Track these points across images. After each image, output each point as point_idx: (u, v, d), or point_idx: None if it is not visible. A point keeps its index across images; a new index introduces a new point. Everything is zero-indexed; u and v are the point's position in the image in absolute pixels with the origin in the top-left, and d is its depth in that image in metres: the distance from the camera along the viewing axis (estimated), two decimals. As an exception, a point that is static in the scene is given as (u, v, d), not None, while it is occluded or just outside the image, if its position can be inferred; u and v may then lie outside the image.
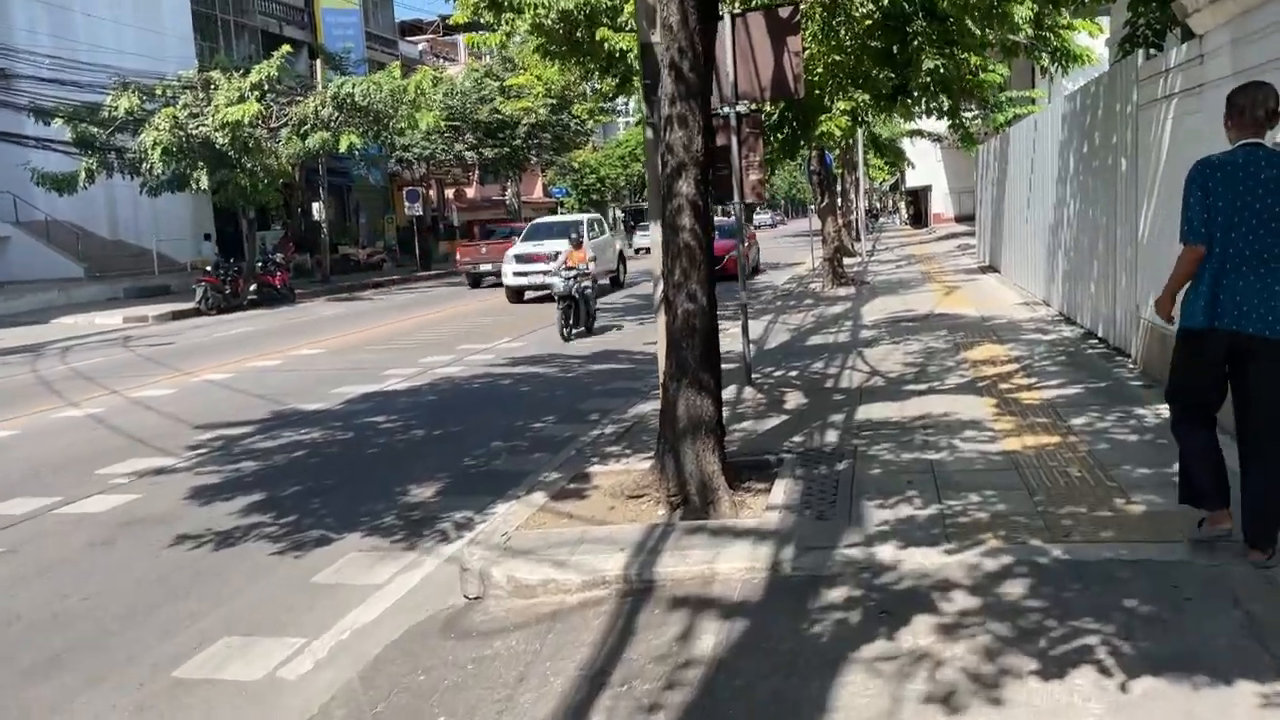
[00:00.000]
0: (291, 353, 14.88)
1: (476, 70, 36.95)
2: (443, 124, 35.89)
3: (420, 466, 7.46)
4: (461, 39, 53.66)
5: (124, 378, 12.81)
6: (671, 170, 5.68)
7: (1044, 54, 19.34)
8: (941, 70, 8.76)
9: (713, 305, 5.80)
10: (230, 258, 31.47)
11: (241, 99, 25.75)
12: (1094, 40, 22.80)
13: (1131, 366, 8.13)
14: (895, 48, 8.96)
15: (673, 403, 5.70)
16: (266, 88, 27.10)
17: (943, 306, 14.13)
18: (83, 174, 24.76)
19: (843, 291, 18.08)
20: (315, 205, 34.01)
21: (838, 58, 9.39)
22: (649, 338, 11.72)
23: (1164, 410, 5.21)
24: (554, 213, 57.37)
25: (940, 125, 36.85)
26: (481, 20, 13.64)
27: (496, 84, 36.61)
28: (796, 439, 6.89)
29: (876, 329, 12.37)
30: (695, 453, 5.59)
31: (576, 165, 57.95)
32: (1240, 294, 3.84)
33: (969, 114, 32.14)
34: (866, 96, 10.23)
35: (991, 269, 19.30)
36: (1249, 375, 3.95)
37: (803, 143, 10.97)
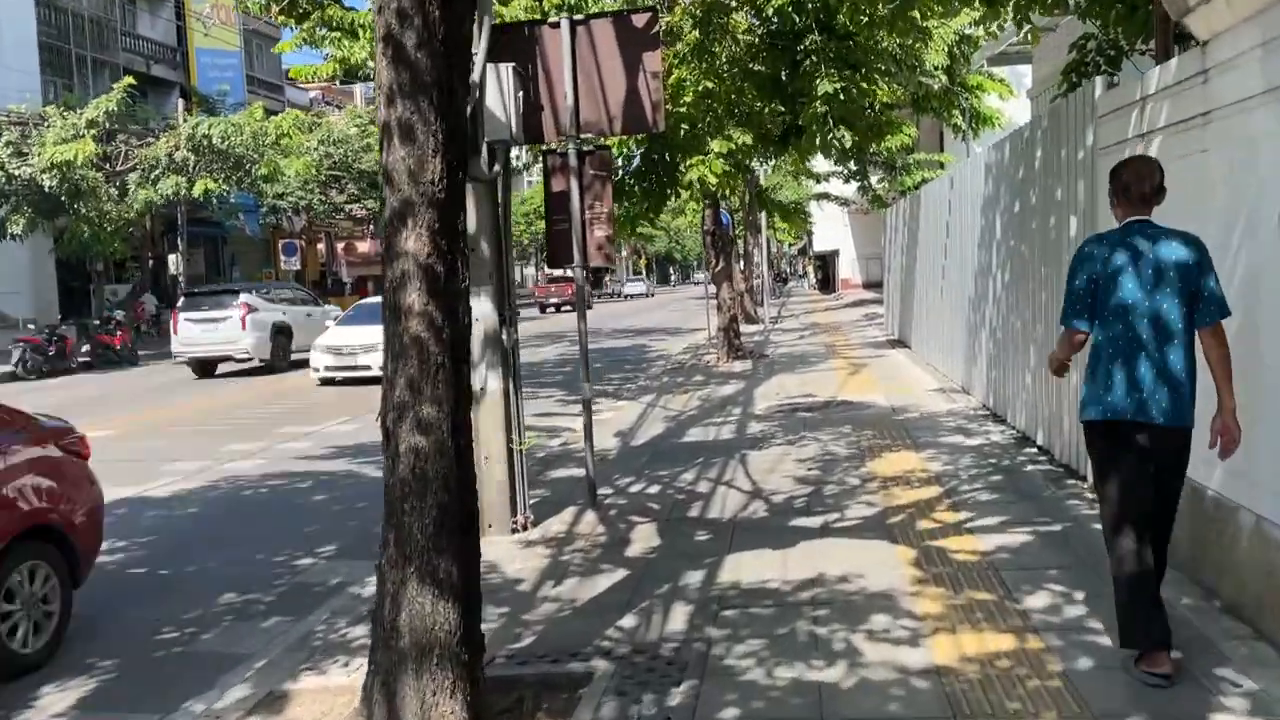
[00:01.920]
0: (61, 438, 12.07)
1: (361, 116, 34.50)
2: (318, 172, 33.32)
3: (95, 640, 5.00)
4: (358, 86, 51.36)
5: None
6: (392, 215, 3.42)
7: (955, 110, 17.95)
8: (840, 96, 6.79)
9: (462, 437, 3.51)
10: (72, 315, 28.34)
11: (76, 136, 22.90)
12: (1004, 103, 21.66)
13: (1090, 495, 6.07)
14: (785, 73, 6.97)
15: (389, 606, 3.38)
16: (107, 125, 24.27)
17: (847, 391, 12.10)
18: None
19: (738, 366, 16.03)
20: (171, 257, 30.96)
21: (711, 84, 7.36)
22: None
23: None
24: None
25: (848, 189, 35.76)
26: (309, 45, 11.40)
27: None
28: (627, 622, 4.59)
29: (769, 420, 10.24)
30: (420, 693, 3.26)
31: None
32: (1138, 382, 3.66)
33: (875, 177, 30.97)
34: (749, 137, 8.21)
35: (901, 343, 17.51)
36: (1156, 468, 3.74)
37: (670, 193, 8.87)
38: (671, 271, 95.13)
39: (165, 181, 25.76)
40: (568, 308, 42.12)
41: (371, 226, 47.36)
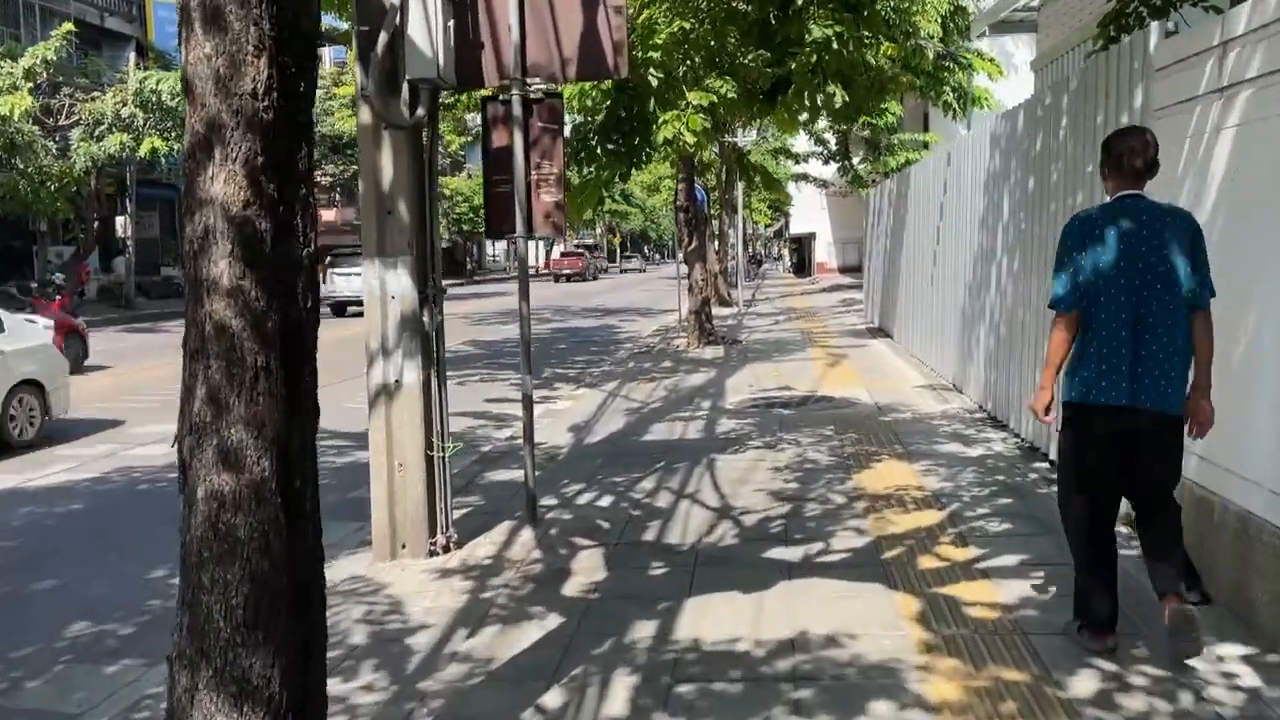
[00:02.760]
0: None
1: (323, 77, 32.95)
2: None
3: None
4: (327, 50, 49.58)
5: None
6: (193, 144, 2.29)
7: (945, 88, 16.92)
8: (835, 45, 5.69)
9: (297, 475, 2.40)
10: (14, 277, 26.87)
11: (14, 88, 21.37)
12: (993, 84, 20.68)
13: (1125, 529, 5.05)
14: (773, 14, 5.85)
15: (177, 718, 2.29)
16: (45, 76, 22.75)
17: (827, 385, 11.07)
18: None
19: (709, 353, 14.97)
20: (120, 219, 29.43)
21: (688, 25, 6.24)
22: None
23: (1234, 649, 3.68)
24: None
25: (827, 170, 34.69)
26: None
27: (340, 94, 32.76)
28: (551, 700, 3.52)
29: (741, 417, 9.18)
30: None
31: (447, 193, 54.18)
32: (1127, 365, 3.50)
33: (856, 158, 29.93)
34: (731, 88, 7.06)
35: (882, 332, 16.51)
36: (1142, 453, 3.60)
37: (642, 155, 7.63)
38: (646, 250, 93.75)
39: (110, 139, 24.29)
40: (578, 278, 50.28)
41: (338, 194, 45.85)
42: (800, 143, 33.39)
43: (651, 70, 6.21)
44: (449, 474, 5.43)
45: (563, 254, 53.47)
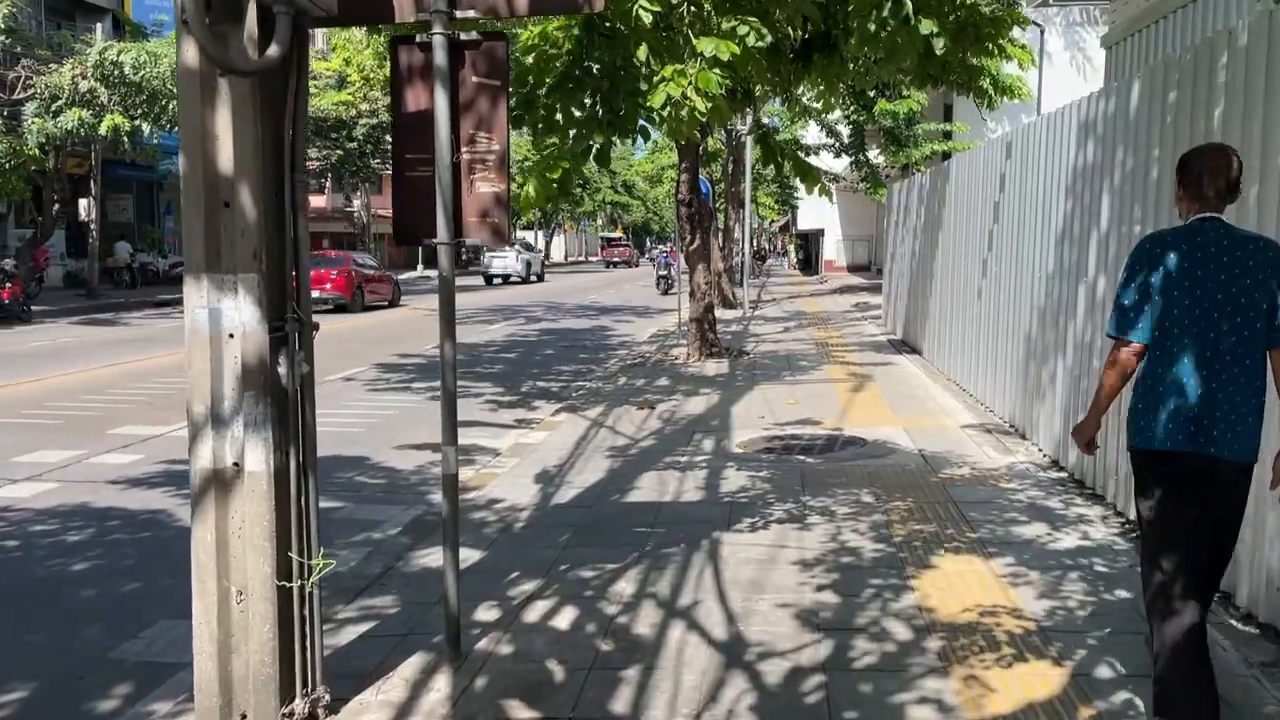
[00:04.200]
0: None
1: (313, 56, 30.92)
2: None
3: None
4: (319, 31, 47.78)
5: None
6: None
7: (985, 77, 15.09)
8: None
9: None
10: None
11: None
12: (1025, 73, 18.86)
13: None
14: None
15: None
16: (-8, 45, 20.86)
17: (855, 419, 9.21)
18: None
19: (712, 368, 13.12)
20: (83, 202, 27.56)
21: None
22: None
23: None
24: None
25: (838, 164, 32.75)
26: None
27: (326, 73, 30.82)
28: None
29: (753, 466, 7.33)
30: None
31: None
32: (1195, 405, 3.13)
33: (872, 152, 28.01)
34: (758, 35, 5.08)
35: (907, 346, 14.65)
36: (1208, 503, 3.15)
37: (626, 125, 5.61)
38: (648, 243, 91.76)
39: (67, 115, 22.42)
40: (624, 265, 56.34)
41: (325, 180, 43.95)
42: (811, 134, 31.48)
43: (642, 4, 4.38)
44: (317, 605, 3.57)
45: (610, 242, 58.80)
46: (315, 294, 30.52)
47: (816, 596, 4.55)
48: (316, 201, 46.53)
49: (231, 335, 3.35)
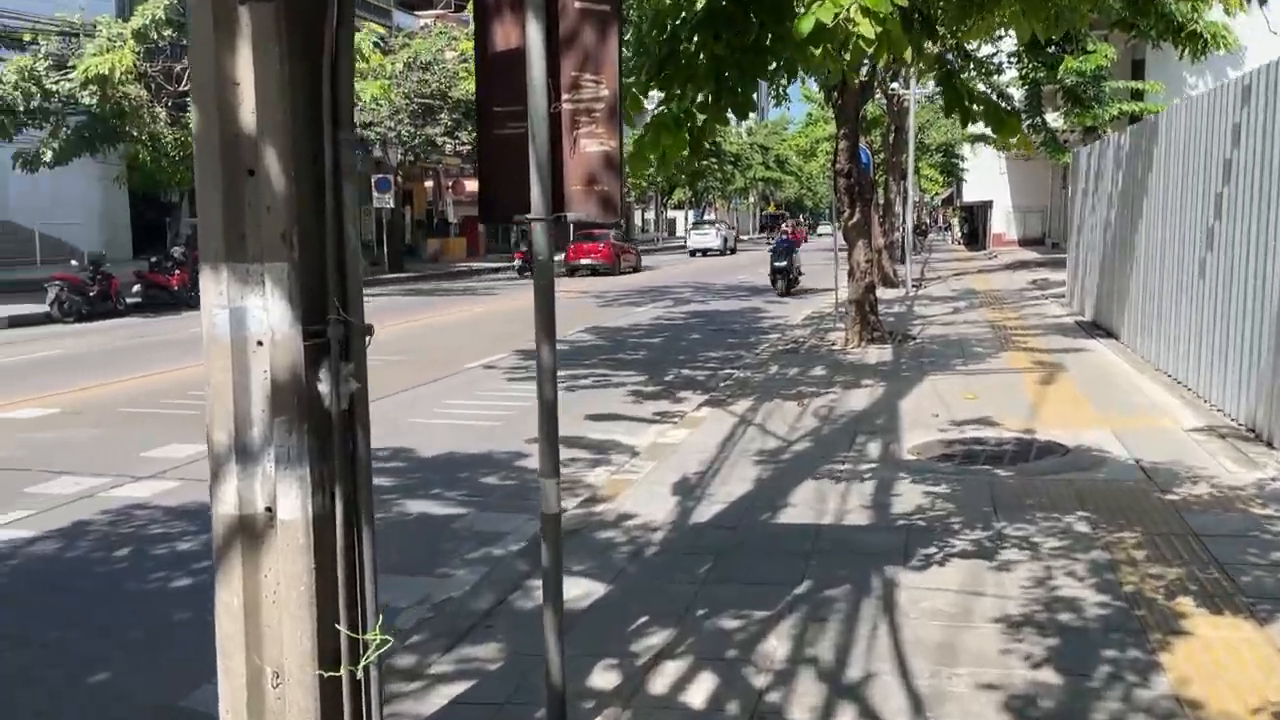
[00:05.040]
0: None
1: (457, 37, 30.88)
2: (409, 100, 30.15)
3: None
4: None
5: None
6: None
7: (1196, 18, 13.24)
8: None
9: None
10: (148, 250, 26.27)
11: (116, 47, 20.05)
12: (1233, 19, 16.63)
13: None
14: None
15: None
16: (155, 37, 21.40)
17: (1049, 418, 7.91)
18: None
19: (874, 354, 11.92)
20: (246, 190, 28.33)
21: None
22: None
23: None
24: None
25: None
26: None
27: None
28: None
29: (930, 478, 6.22)
30: None
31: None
32: None
33: (1051, 115, 25.76)
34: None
35: (1099, 329, 13.01)
36: None
37: (779, 64, 4.55)
38: (802, 219, 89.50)
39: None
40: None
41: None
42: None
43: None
44: (375, 690, 2.77)
45: (774, 220, 61.90)
46: (586, 261, 32.54)
47: (1031, 675, 3.48)
48: (472, 185, 47.05)
49: (260, 343, 2.58)
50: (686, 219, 61.57)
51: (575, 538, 5.38)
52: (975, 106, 4.97)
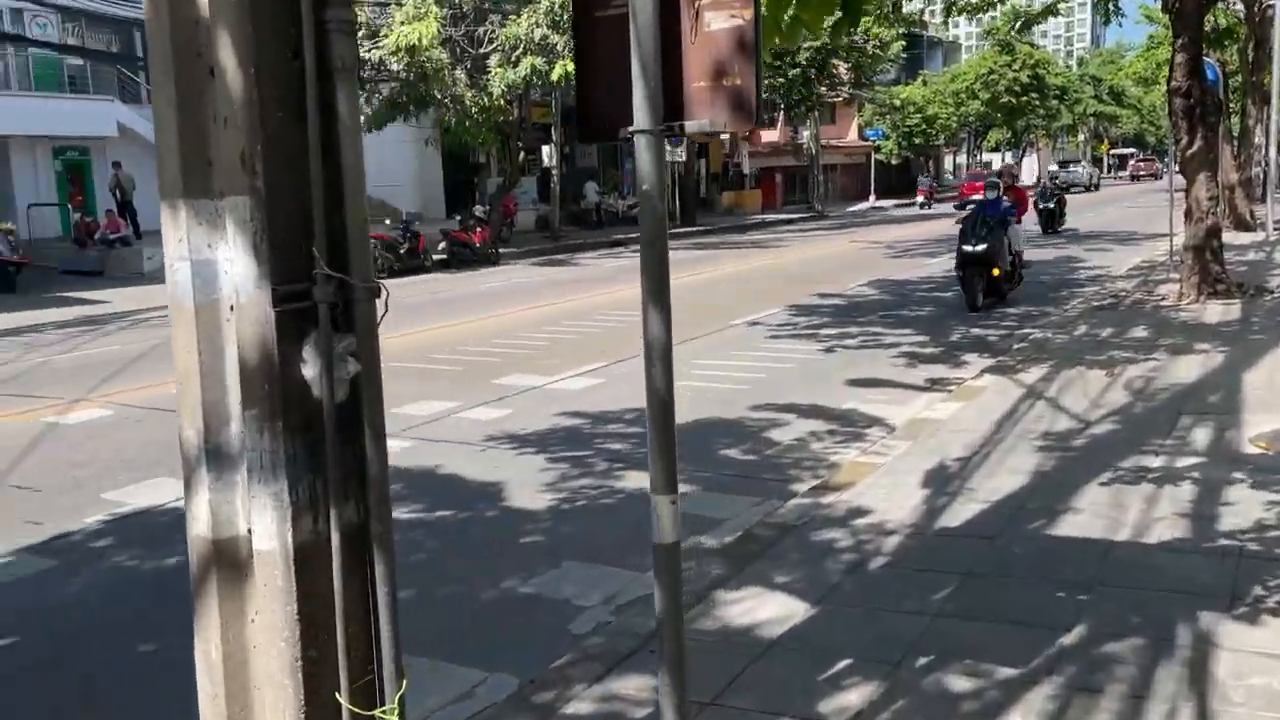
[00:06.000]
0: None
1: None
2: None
3: None
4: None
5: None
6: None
7: None
8: None
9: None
10: (458, 210, 27.83)
11: (421, 17, 20.99)
12: None
13: None
14: None
15: None
16: (463, 4, 22.19)
17: None
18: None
19: (1215, 312, 9.80)
20: (545, 149, 29.13)
21: None
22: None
23: None
24: (868, 159, 49.14)
25: None
26: None
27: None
28: None
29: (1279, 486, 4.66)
30: None
31: (898, 103, 49.23)
32: None
33: None
34: None
35: None
36: None
37: None
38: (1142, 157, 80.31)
39: (524, 63, 23.44)
40: (1150, 178, 54.84)
41: (780, 112, 43.11)
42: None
43: None
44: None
45: (1140, 159, 61.65)
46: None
47: None
48: (769, 136, 46.04)
49: (232, 308, 1.89)
50: (1002, 159, 56.87)
51: (789, 536, 4.46)
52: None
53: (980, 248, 11.01)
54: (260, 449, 1.87)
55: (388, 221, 22.13)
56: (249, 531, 1.93)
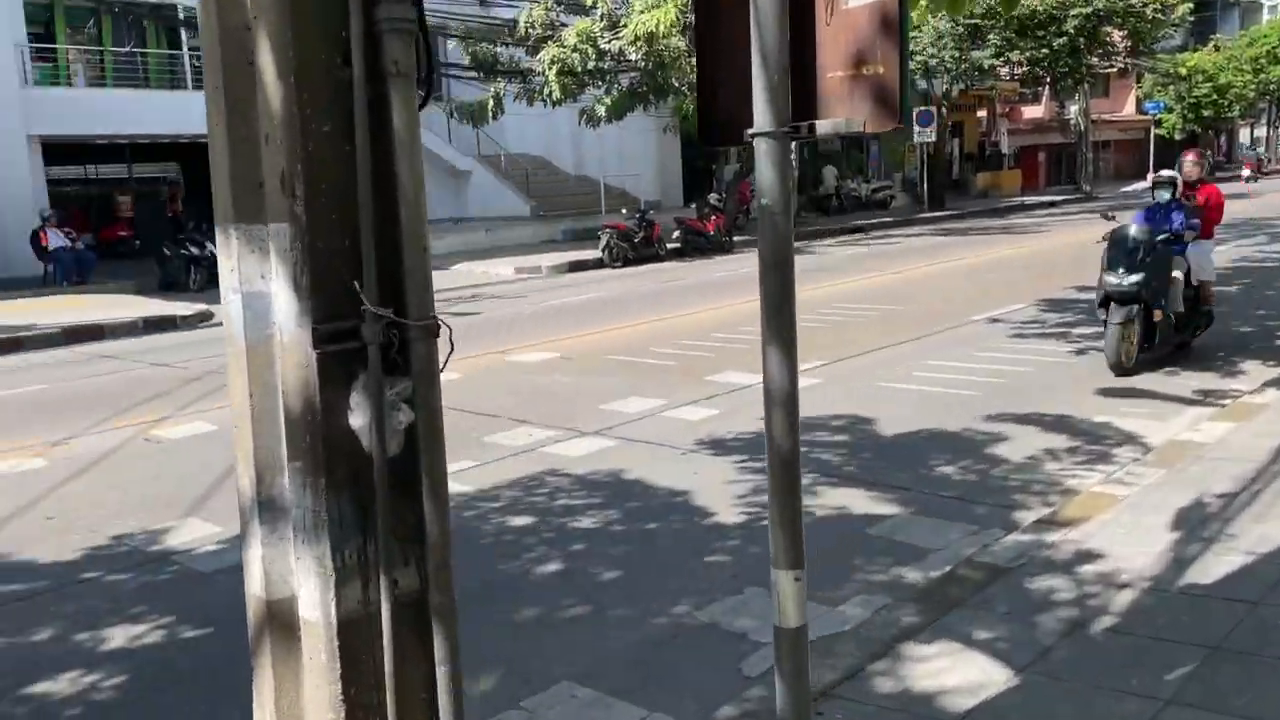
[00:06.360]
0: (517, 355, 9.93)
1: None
2: (939, 22, 27.89)
3: None
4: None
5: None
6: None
7: None
8: None
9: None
10: (696, 198, 27.88)
11: (658, 4, 21.02)
12: None
13: None
14: None
15: None
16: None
17: None
18: (490, 103, 22.07)
19: None
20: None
21: None
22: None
23: None
24: (1146, 135, 44.72)
25: None
26: None
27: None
28: None
29: None
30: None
31: (1184, 71, 44.49)
32: None
33: None
34: None
35: None
36: None
37: None
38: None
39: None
40: None
41: (1046, 87, 40.17)
42: None
43: None
44: None
45: None
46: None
47: None
48: (1031, 112, 43.03)
49: (283, 342, 1.69)
50: (1251, 132, 50.19)
51: (1000, 581, 3.89)
52: None
53: (1132, 280, 7.39)
54: (304, 507, 1.67)
55: (623, 211, 22.39)
56: (292, 599, 1.74)
